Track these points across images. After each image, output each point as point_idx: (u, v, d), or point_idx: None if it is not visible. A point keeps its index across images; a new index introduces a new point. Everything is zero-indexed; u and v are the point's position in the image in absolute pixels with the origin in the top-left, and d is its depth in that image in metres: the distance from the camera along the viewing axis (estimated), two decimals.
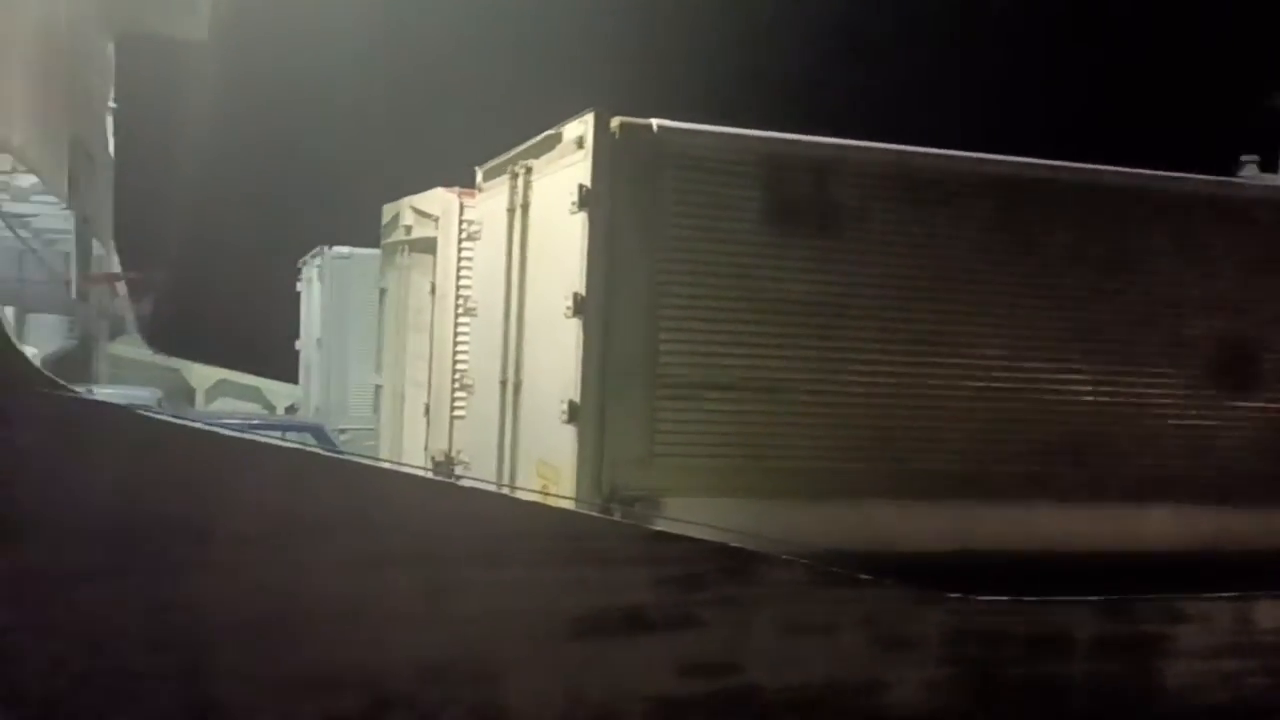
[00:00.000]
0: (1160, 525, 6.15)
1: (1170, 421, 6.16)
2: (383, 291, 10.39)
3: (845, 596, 4.80)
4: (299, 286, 16.00)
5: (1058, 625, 5.07)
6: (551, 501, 5.39)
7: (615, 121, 5.51)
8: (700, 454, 5.61)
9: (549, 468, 5.80)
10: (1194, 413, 6.21)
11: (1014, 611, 5.00)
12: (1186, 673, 5.29)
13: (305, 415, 15.38)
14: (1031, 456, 5.94)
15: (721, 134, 5.74)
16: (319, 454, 6.21)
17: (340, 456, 6.28)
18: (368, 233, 11.67)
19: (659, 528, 4.91)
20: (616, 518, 5.07)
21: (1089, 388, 6.03)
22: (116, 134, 18.12)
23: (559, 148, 6.04)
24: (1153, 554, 6.04)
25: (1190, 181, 6.42)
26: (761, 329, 5.60)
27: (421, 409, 8.62)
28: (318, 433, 11.01)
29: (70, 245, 15.92)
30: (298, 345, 16.16)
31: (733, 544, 4.74)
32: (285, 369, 17.63)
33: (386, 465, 6.50)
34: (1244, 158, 16.19)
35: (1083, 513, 5.97)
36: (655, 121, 5.58)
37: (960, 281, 5.87)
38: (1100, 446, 6.04)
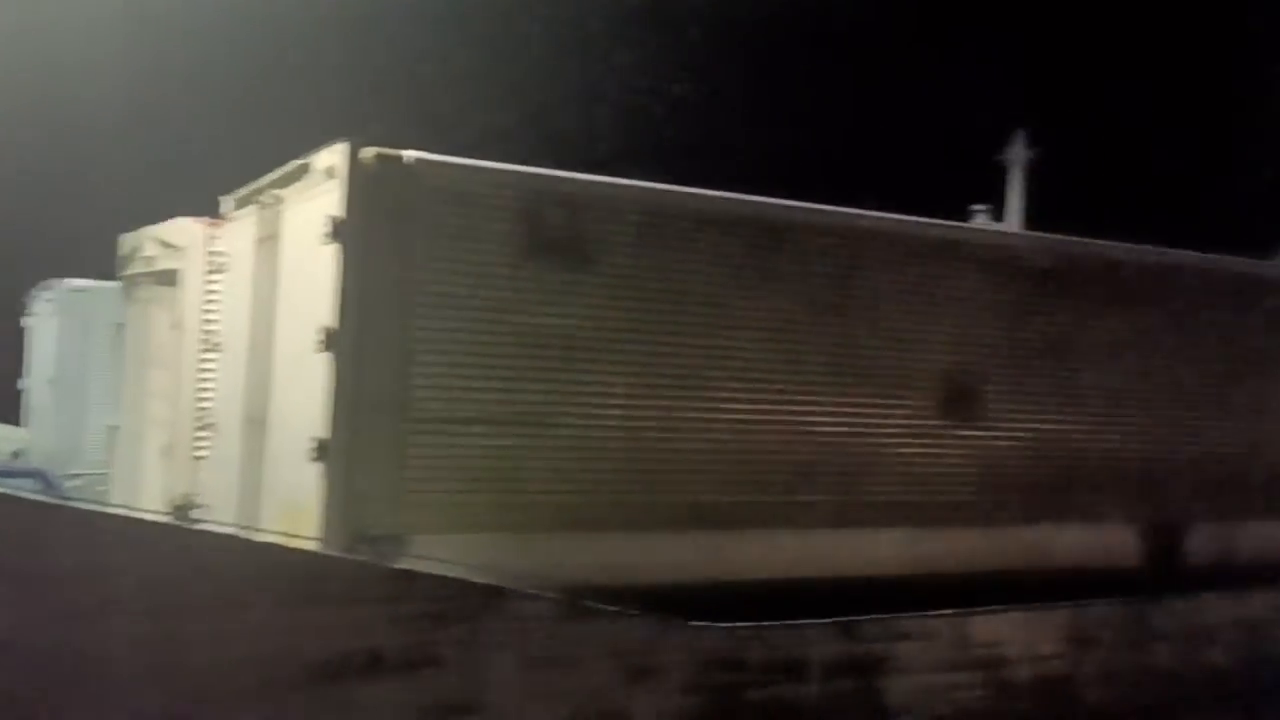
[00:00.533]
0: (893, 549, 6.54)
1: (901, 450, 6.59)
2: (121, 326, 9.78)
3: (591, 629, 4.84)
4: (25, 321, 14.83)
5: (794, 648, 5.29)
6: (294, 543, 5.19)
7: (367, 152, 5.44)
8: (453, 490, 5.55)
9: (295, 508, 5.60)
10: (923, 442, 6.66)
11: (755, 637, 5.18)
12: (912, 688, 5.62)
13: (33, 460, 14.21)
14: (774, 486, 6.21)
15: (477, 167, 5.76)
16: (37, 500, 5.76)
17: (63, 502, 5.86)
18: (100, 265, 10.97)
19: (403, 566, 4.82)
20: (360, 557, 4.93)
21: (827, 419, 6.38)
22: None
23: (309, 177, 5.89)
24: (886, 577, 6.42)
25: (921, 224, 6.92)
26: (515, 362, 5.62)
27: (160, 450, 8.13)
28: (41, 478, 10.21)
29: None
30: (21, 384, 14.94)
31: (478, 580, 4.70)
32: (6, 411, 16.18)
33: (114, 510, 6.09)
34: (975, 207, 17.46)
35: (822, 539, 6.28)
36: (409, 153, 5.54)
37: (708, 317, 6.10)
38: (837, 475, 6.39)
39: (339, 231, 5.39)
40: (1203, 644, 6.69)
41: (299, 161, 5.96)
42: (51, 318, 13.82)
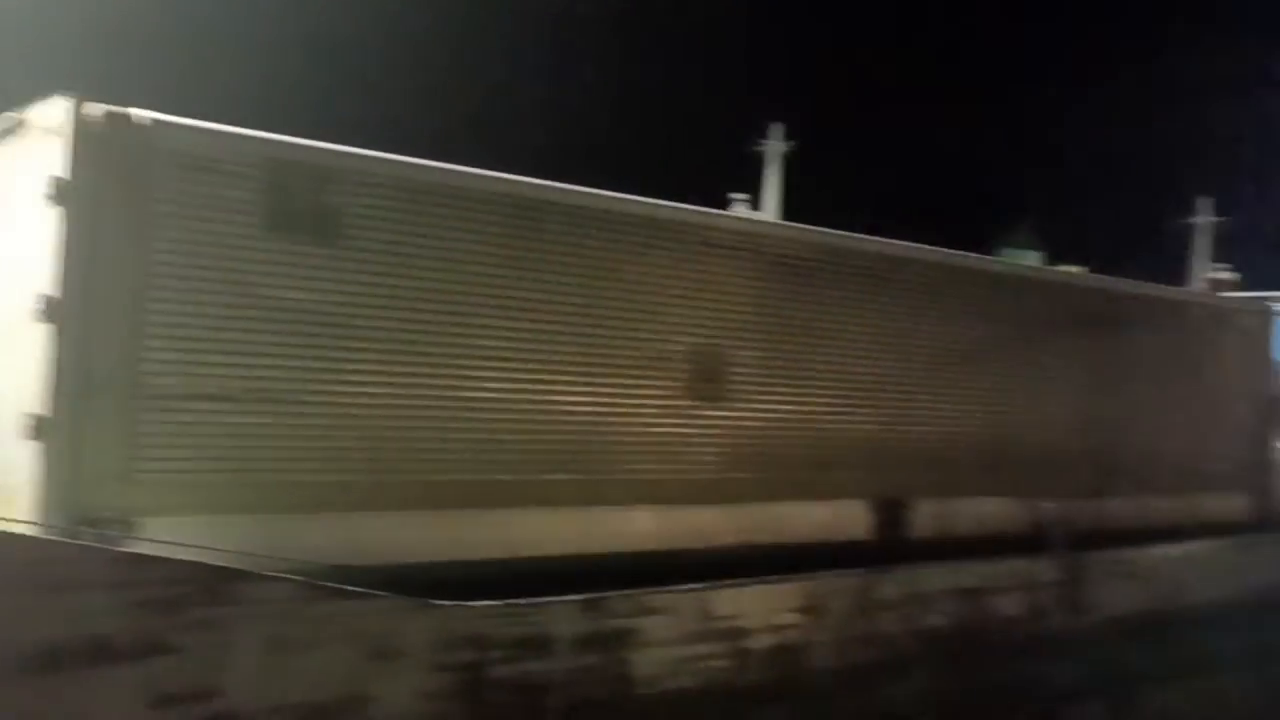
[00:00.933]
0: (643, 526, 6.72)
1: (650, 430, 6.76)
2: None
3: (334, 611, 4.72)
4: None
5: (541, 625, 5.34)
6: (7, 526, 4.80)
7: (94, 109, 5.07)
8: (189, 469, 5.28)
9: (6, 489, 5.18)
10: (671, 422, 6.86)
11: (501, 615, 5.20)
12: (658, 660, 5.79)
13: None
14: (523, 465, 6.25)
15: (217, 132, 5.47)
16: None
17: None
18: None
19: (131, 549, 4.55)
20: (83, 540, 4.62)
21: (576, 399, 6.47)
22: None
23: (29, 135, 5.44)
24: (637, 553, 6.59)
25: (673, 209, 7.10)
26: (256, 338, 5.40)
27: None
28: None
29: None
30: None
31: (212, 562, 4.50)
32: None
33: None
34: (734, 196, 17.93)
35: (571, 517, 6.37)
36: (141, 112, 5.21)
37: (457, 295, 6.05)
38: (586, 454, 6.49)
39: (62, 193, 5.01)
40: (923, 610, 7.21)
41: (13, 115, 5.50)
42: None
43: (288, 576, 4.67)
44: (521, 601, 5.32)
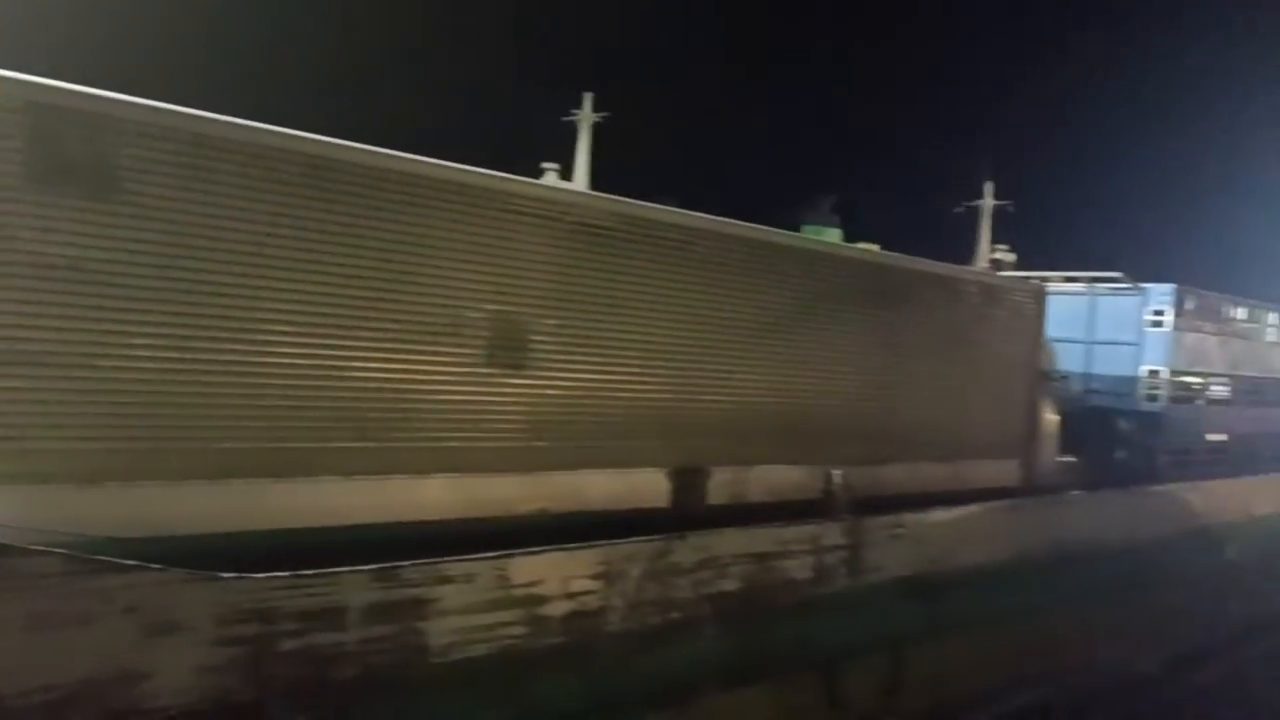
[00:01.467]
0: (441, 494, 6.66)
1: (447, 397, 6.70)
2: None
3: (108, 585, 4.49)
4: None
5: (331, 596, 5.22)
6: None
7: None
8: None
9: None
10: (469, 389, 6.82)
11: (289, 586, 5.06)
12: (452, 629, 5.76)
13: None
14: (317, 432, 6.09)
15: None
16: None
17: None
18: None
19: None
20: None
21: (373, 364, 6.34)
22: None
23: None
24: (435, 522, 6.53)
25: (473, 174, 7.01)
26: (21, 295, 5.06)
27: None
28: None
29: None
30: None
31: None
32: None
33: None
34: (546, 165, 17.81)
35: (368, 485, 6.26)
36: None
37: (245, 255, 5.83)
38: (384, 421, 6.39)
39: None
40: (717, 574, 7.43)
41: None
42: None
43: (55, 550, 4.41)
44: (309, 573, 5.19)
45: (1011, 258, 22.57)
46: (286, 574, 5.11)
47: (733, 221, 8.83)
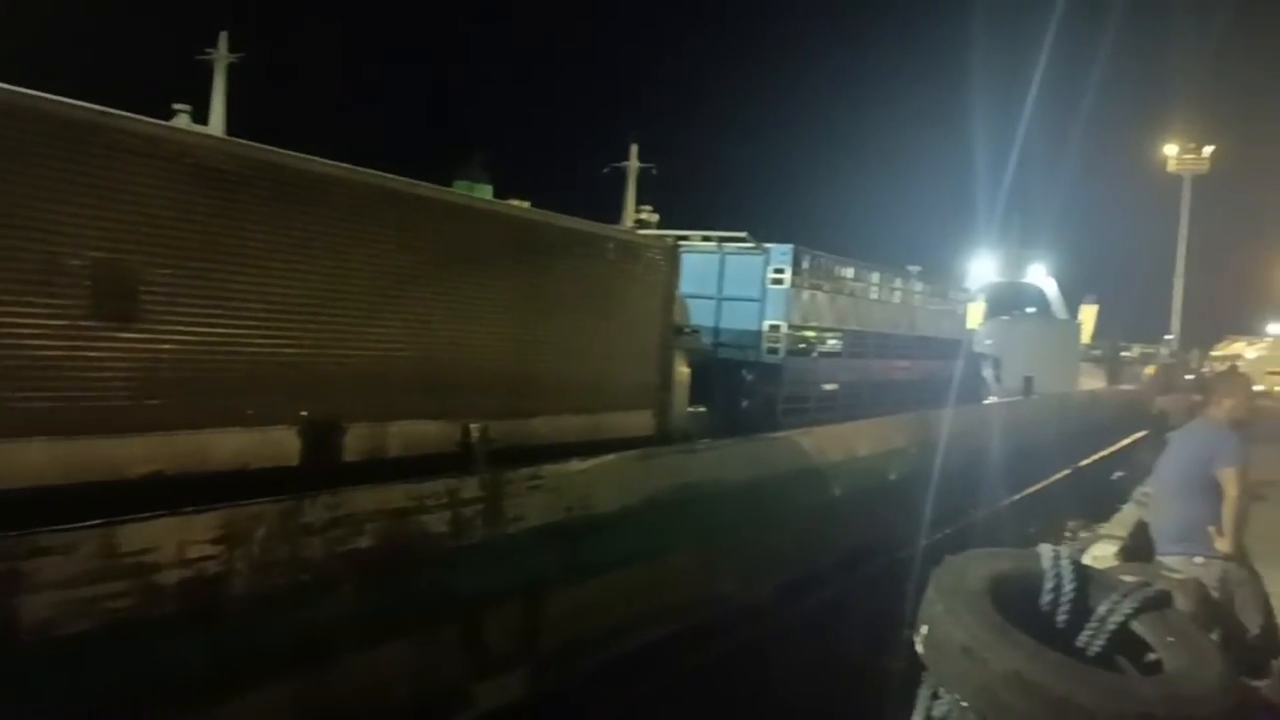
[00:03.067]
0: (38, 458, 6.08)
1: (46, 353, 6.11)
2: None
3: None
4: None
5: None
6: None
7: None
8: None
9: None
10: (71, 344, 6.24)
11: None
12: (50, 604, 5.30)
13: None
14: None
15: None
16: None
17: None
18: None
19: None
20: None
21: None
22: None
23: None
24: (31, 489, 5.96)
25: (85, 111, 6.40)
26: None
27: None
28: None
29: None
30: None
31: None
32: None
33: None
34: (177, 106, 16.61)
35: None
36: None
37: None
38: None
39: None
40: (352, 532, 7.30)
41: None
42: None
43: None
44: None
45: (655, 218, 23.63)
46: None
47: (370, 171, 8.60)
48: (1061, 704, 3.43)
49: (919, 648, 3.89)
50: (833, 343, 18.33)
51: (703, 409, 13.61)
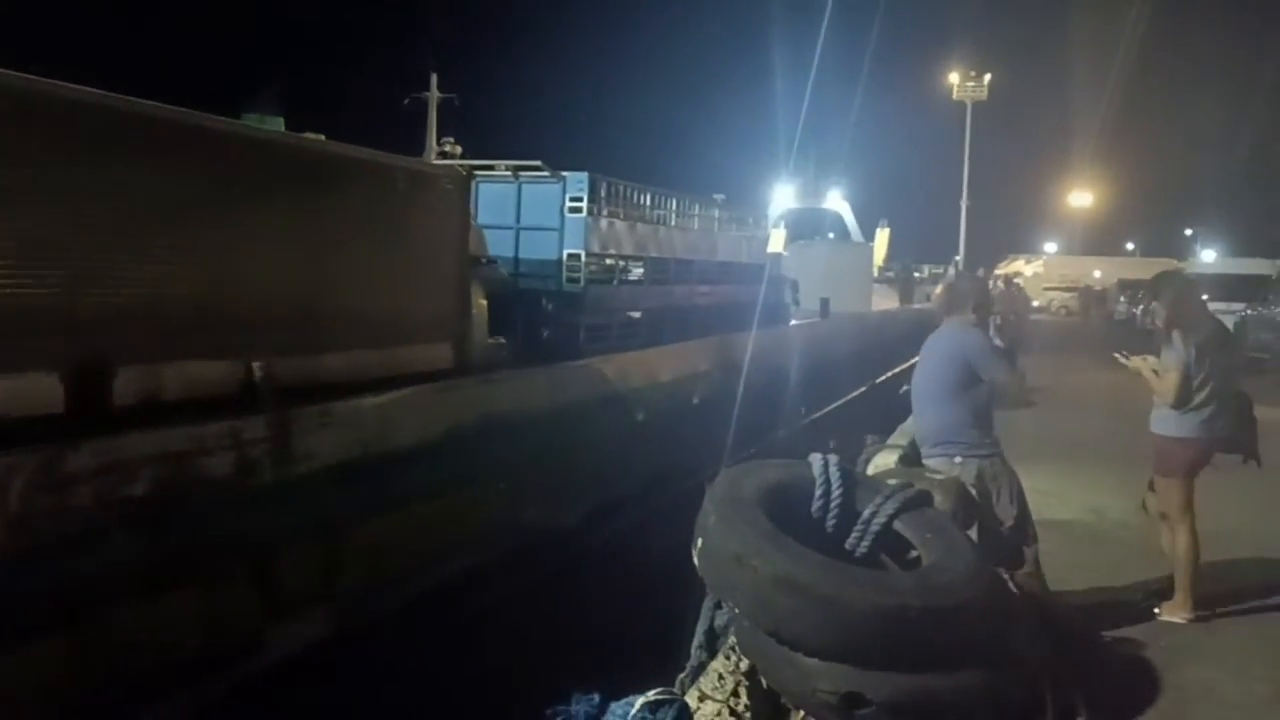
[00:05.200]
0: None
1: None
2: None
3: None
4: None
5: None
6: None
7: None
8: None
9: None
10: None
11: None
12: None
13: None
14: None
15: None
16: None
17: None
18: None
19: None
20: None
21: None
22: None
23: None
24: None
25: None
26: None
27: None
28: None
29: None
30: None
31: None
32: None
33: None
34: None
35: None
36: None
37: None
38: None
39: None
40: (125, 479, 6.91)
41: None
42: None
43: None
44: None
45: (458, 150, 23.11)
46: None
47: (135, 100, 8.02)
48: (826, 602, 3.56)
49: (695, 560, 3.97)
50: (634, 270, 18.47)
51: (503, 340, 13.50)
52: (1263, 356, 18.08)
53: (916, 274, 53.38)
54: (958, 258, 60.30)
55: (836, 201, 50.93)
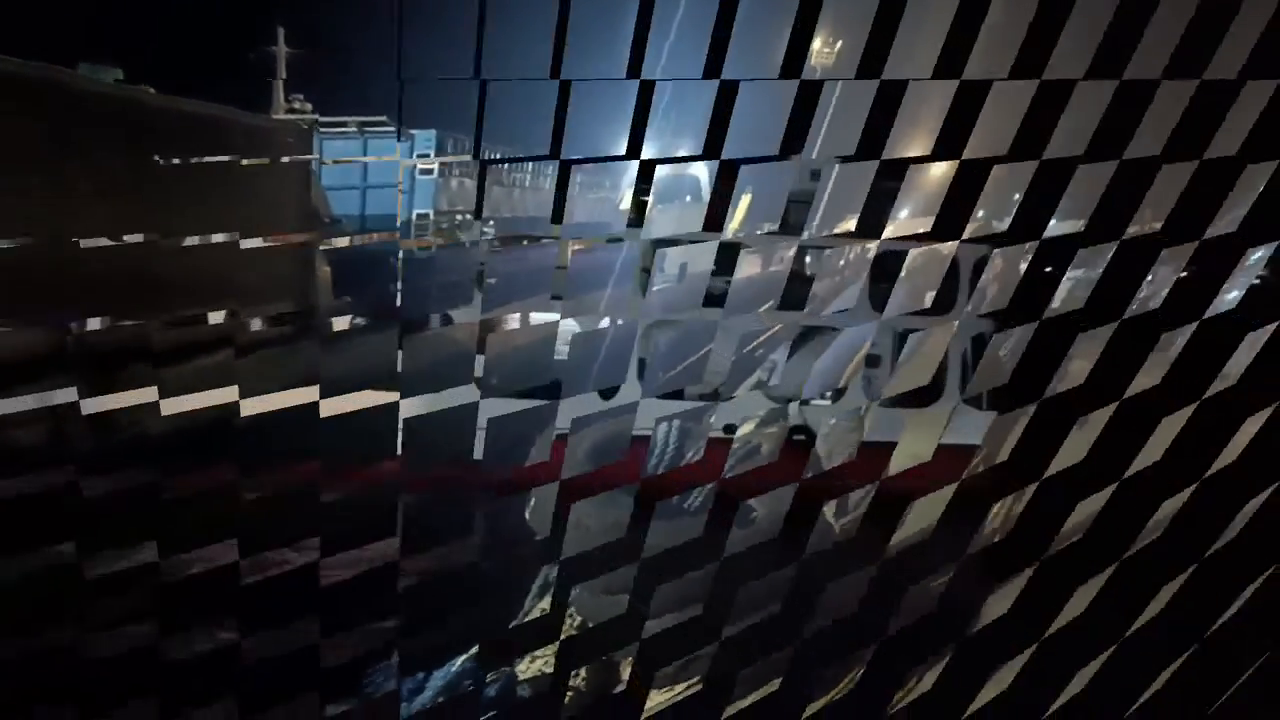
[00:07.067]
0: None
1: None
2: None
3: None
4: None
5: None
6: None
7: None
8: None
9: None
10: None
11: None
12: None
13: None
14: None
15: None
16: None
17: None
18: None
19: None
20: None
21: None
22: None
23: None
24: None
25: None
26: None
27: None
28: None
29: None
30: None
31: None
32: None
33: None
34: None
35: None
36: None
37: None
38: None
39: None
40: None
41: None
42: None
43: None
44: None
45: (309, 106, 22.32)
46: None
47: None
48: None
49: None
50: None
51: (350, 301, 13.15)
52: None
53: None
54: None
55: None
